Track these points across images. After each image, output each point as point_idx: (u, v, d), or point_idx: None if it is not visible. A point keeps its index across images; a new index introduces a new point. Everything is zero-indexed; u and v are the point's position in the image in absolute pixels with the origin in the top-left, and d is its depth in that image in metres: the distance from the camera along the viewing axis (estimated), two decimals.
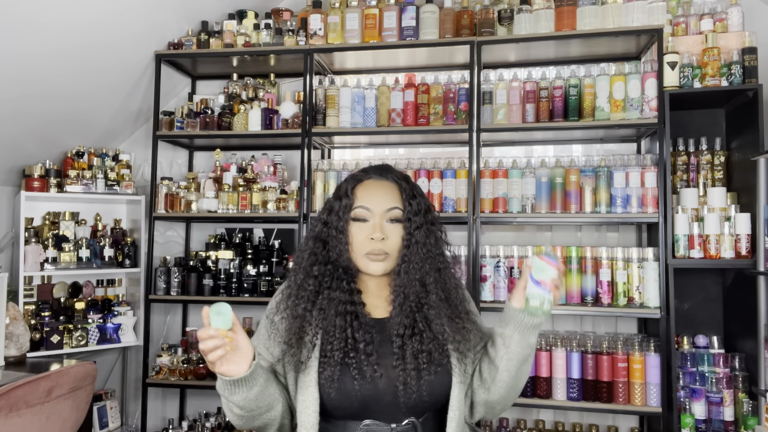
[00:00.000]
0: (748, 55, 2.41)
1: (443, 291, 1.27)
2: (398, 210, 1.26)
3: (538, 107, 2.62)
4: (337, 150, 3.22)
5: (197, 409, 3.18)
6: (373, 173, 1.31)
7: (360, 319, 1.24)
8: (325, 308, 1.24)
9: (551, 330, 2.82)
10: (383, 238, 1.24)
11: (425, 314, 1.25)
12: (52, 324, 2.77)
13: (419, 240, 1.25)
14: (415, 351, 1.22)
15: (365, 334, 1.23)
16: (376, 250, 1.23)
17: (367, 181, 1.30)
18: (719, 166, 2.59)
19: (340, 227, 1.25)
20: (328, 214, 1.29)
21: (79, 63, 2.63)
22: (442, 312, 1.25)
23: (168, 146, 3.23)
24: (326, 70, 3.07)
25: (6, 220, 2.94)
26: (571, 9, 2.58)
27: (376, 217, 1.25)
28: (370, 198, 1.26)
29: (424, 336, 1.23)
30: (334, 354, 1.20)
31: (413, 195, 1.28)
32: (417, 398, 1.20)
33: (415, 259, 1.25)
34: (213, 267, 2.95)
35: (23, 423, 1.89)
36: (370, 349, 1.21)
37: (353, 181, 1.30)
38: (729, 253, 2.37)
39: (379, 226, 1.24)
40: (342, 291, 1.25)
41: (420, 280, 1.25)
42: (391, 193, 1.28)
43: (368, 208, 1.25)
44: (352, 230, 1.25)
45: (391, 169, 1.33)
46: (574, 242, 2.89)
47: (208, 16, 3.08)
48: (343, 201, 1.27)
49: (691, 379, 2.45)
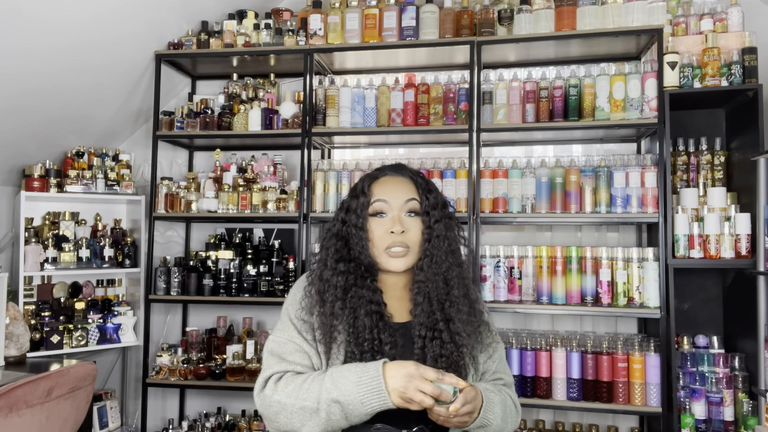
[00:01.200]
0: (748, 55, 2.41)
1: (464, 286, 1.27)
2: (416, 201, 1.26)
3: (538, 107, 2.62)
4: (337, 150, 3.22)
5: (197, 409, 3.18)
6: (388, 170, 1.32)
7: (384, 320, 1.24)
8: (355, 307, 1.22)
9: (551, 330, 2.83)
10: (403, 231, 1.23)
11: (446, 312, 1.24)
12: (52, 324, 2.77)
13: (440, 233, 1.25)
14: (434, 355, 1.22)
15: (390, 337, 1.22)
16: (397, 242, 1.23)
17: (383, 177, 1.30)
18: (719, 166, 2.59)
19: (360, 224, 1.25)
20: (346, 212, 1.29)
21: (79, 62, 2.63)
22: (462, 309, 1.25)
23: (168, 146, 3.24)
24: (326, 70, 3.07)
25: (6, 220, 2.94)
26: (571, 9, 2.58)
27: (394, 210, 1.25)
28: (387, 192, 1.26)
29: (444, 339, 1.22)
30: (365, 356, 1.19)
31: (429, 189, 1.29)
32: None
33: (438, 252, 1.24)
34: (213, 267, 2.95)
35: (23, 423, 1.89)
36: (393, 353, 1.21)
37: (369, 179, 1.30)
38: (729, 253, 2.37)
39: (398, 218, 1.24)
40: (367, 289, 1.25)
41: (443, 274, 1.24)
42: (407, 186, 1.28)
43: (386, 200, 1.25)
44: (372, 226, 1.25)
45: (406, 166, 1.34)
46: (574, 242, 2.89)
47: (208, 16, 3.07)
48: (360, 199, 1.26)
49: (691, 379, 2.45)
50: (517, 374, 2.51)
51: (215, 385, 2.83)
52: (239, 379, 2.79)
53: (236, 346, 2.90)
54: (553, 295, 2.55)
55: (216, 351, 2.96)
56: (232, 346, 2.90)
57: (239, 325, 3.12)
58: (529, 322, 2.89)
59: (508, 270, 2.61)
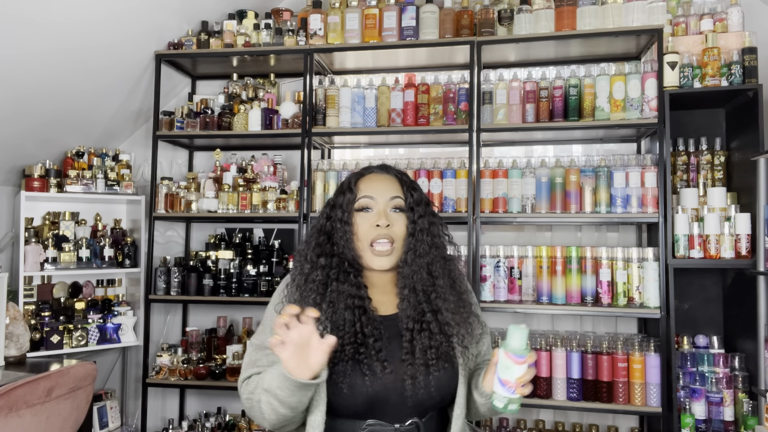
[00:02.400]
0: (748, 55, 2.41)
1: (449, 278, 1.30)
2: (400, 199, 1.30)
3: (538, 107, 2.62)
4: (337, 150, 3.22)
5: (197, 409, 3.18)
6: (374, 168, 1.37)
7: (368, 314, 1.25)
8: (334, 301, 1.23)
9: (551, 330, 2.83)
10: (388, 225, 1.27)
11: (432, 304, 1.26)
12: (52, 324, 2.77)
13: (423, 228, 1.29)
14: (423, 347, 1.23)
15: (374, 330, 1.23)
16: (382, 234, 1.26)
17: (369, 175, 1.35)
18: (719, 166, 2.59)
19: (345, 218, 1.27)
20: (331, 209, 1.32)
21: (79, 62, 2.63)
22: (449, 298, 1.27)
23: (168, 146, 3.24)
24: (326, 70, 3.07)
25: (6, 220, 2.94)
26: (571, 9, 2.58)
27: (380, 205, 1.28)
28: (373, 188, 1.30)
29: (433, 330, 1.24)
30: (345, 348, 1.19)
31: (413, 188, 1.33)
32: (425, 394, 1.21)
33: (421, 246, 1.28)
34: (213, 267, 2.95)
35: (23, 423, 1.89)
36: (378, 345, 1.22)
37: (355, 176, 1.35)
38: (729, 253, 2.36)
39: (383, 213, 1.28)
40: (350, 284, 1.26)
41: (427, 266, 1.27)
42: (392, 184, 1.32)
43: (372, 196, 1.29)
44: (357, 221, 1.28)
45: (391, 166, 1.39)
46: (574, 242, 2.90)
47: (208, 16, 3.07)
48: (346, 195, 1.30)
49: (691, 379, 2.45)
50: None
51: (215, 385, 2.83)
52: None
53: (236, 346, 2.90)
54: (553, 295, 2.55)
55: (216, 351, 2.96)
56: (232, 346, 2.90)
57: (239, 325, 3.12)
58: (529, 322, 2.89)
59: (508, 270, 2.60)
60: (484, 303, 2.58)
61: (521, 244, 2.72)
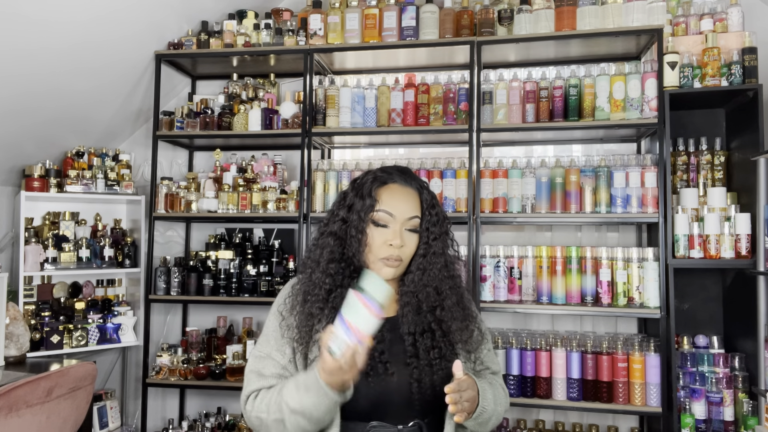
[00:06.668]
0: (748, 55, 2.41)
1: (456, 296, 1.30)
2: (418, 219, 1.27)
3: (538, 107, 2.62)
4: (337, 150, 3.22)
5: (197, 409, 3.18)
6: (397, 177, 1.31)
7: None
8: (337, 306, 1.23)
9: (551, 330, 2.83)
10: (402, 246, 1.25)
11: (437, 316, 1.27)
12: (52, 324, 2.77)
13: (437, 251, 1.28)
14: (427, 347, 1.23)
15: (376, 332, 1.23)
16: (394, 255, 1.24)
17: (392, 184, 1.30)
18: (719, 166, 2.59)
19: (360, 227, 1.25)
20: (348, 211, 1.28)
21: (78, 62, 2.63)
22: (456, 315, 1.27)
23: (168, 146, 3.24)
24: (326, 70, 3.07)
25: (6, 220, 2.94)
26: (571, 9, 2.58)
27: (397, 224, 1.26)
28: (394, 204, 1.26)
29: (435, 333, 1.25)
30: None
31: (432, 205, 1.30)
32: (430, 394, 1.21)
33: (433, 269, 1.27)
34: (213, 267, 2.95)
35: (23, 423, 1.89)
36: (381, 347, 1.22)
37: (377, 182, 1.30)
38: (729, 253, 2.36)
39: (399, 233, 1.25)
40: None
41: (435, 287, 1.27)
42: (413, 201, 1.29)
43: (392, 213, 1.26)
44: (371, 233, 1.26)
45: (413, 175, 1.34)
46: (574, 242, 2.89)
47: (208, 16, 3.07)
48: (366, 201, 1.26)
49: (691, 379, 2.45)
50: (517, 374, 2.51)
51: (215, 385, 2.83)
52: (239, 379, 2.79)
53: (236, 346, 2.90)
54: (553, 295, 2.55)
55: (216, 351, 2.96)
56: (232, 346, 2.90)
57: (239, 325, 3.13)
58: (529, 322, 2.89)
59: (508, 270, 2.60)
60: (484, 303, 2.58)
61: (521, 244, 2.72)
